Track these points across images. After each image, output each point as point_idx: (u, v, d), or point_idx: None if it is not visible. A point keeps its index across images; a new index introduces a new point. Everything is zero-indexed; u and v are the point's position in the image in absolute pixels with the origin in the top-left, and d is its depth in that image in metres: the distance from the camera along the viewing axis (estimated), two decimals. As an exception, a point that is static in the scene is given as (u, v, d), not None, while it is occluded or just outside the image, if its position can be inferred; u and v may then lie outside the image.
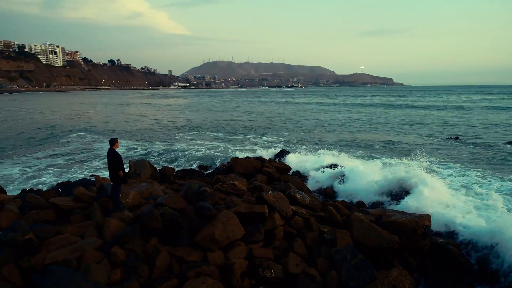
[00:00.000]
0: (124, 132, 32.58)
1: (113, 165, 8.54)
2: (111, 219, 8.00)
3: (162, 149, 22.76)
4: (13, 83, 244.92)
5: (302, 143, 25.64)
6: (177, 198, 9.14)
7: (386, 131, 31.98)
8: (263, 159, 15.42)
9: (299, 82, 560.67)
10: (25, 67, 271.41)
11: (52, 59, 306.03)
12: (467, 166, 17.62)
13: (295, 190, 10.36)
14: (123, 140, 26.35)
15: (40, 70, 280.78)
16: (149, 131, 33.44)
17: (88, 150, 23.14)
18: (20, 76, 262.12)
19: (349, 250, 7.67)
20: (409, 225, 8.26)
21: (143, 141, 26.64)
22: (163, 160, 19.53)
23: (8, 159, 19.98)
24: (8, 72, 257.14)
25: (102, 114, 52.42)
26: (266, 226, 8.17)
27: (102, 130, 33.21)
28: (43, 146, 24.95)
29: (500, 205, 10.85)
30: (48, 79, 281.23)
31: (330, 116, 49.43)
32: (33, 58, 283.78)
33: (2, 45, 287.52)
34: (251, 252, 7.58)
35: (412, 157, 16.08)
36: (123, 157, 9.20)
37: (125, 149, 22.96)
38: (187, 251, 7.26)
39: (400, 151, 22.06)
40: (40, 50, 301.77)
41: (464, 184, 14.15)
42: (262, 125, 38.17)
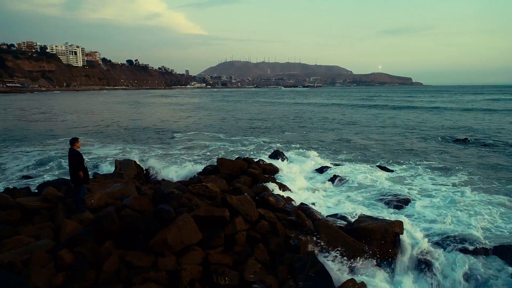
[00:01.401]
0: (129, 129, 32.86)
1: (73, 165, 8.39)
2: (68, 221, 7.84)
3: (160, 150, 22.68)
4: (34, 83, 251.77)
5: (301, 144, 25.15)
6: (142, 200, 8.92)
7: (389, 133, 31.08)
8: (250, 160, 15.07)
9: (315, 82, 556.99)
10: (47, 67, 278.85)
11: (72, 59, 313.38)
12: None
13: (269, 193, 10.01)
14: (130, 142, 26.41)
15: (60, 70, 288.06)
16: (150, 131, 33.54)
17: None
18: (42, 76, 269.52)
19: (310, 258, 7.27)
20: (379, 232, 7.79)
21: (143, 142, 26.69)
22: (159, 160, 19.37)
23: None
24: (30, 72, 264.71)
25: (107, 115, 53.05)
26: (227, 231, 7.85)
27: (100, 132, 33.47)
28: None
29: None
30: (68, 79, 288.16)
31: (338, 117, 48.56)
32: (54, 58, 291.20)
33: (25, 46, 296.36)
34: (207, 258, 7.28)
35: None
36: (122, 158, 9.06)
37: (119, 150, 22.98)
38: (138, 256, 7.01)
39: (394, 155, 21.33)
40: (61, 51, 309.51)
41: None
42: (268, 126, 37.76)
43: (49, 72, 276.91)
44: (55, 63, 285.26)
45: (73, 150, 8.45)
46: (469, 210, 10.64)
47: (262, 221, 8.42)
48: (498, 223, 9.81)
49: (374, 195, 12.09)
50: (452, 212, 10.41)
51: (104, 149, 23.09)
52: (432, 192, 12.72)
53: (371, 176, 14.87)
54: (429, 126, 35.39)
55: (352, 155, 20.29)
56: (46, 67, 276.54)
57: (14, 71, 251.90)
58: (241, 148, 23.45)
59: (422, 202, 11.49)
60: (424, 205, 11.29)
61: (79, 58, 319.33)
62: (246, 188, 11.34)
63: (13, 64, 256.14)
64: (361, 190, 12.85)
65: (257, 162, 15.38)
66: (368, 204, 11.44)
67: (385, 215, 10.09)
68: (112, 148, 23.19)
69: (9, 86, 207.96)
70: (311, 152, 19.54)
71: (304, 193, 12.43)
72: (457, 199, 11.53)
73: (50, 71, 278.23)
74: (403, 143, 24.94)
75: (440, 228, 9.14)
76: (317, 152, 20.19)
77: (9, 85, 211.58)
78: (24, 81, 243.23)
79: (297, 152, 20.31)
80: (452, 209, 10.71)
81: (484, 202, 11.49)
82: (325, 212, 10.43)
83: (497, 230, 9.36)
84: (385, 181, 14.24)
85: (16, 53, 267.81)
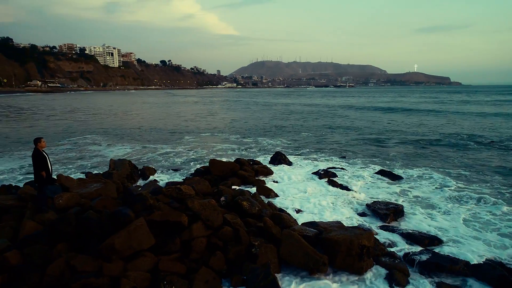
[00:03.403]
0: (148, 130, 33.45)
1: (35, 165, 8.38)
2: (27, 221, 7.81)
3: (166, 150, 22.76)
4: (74, 83, 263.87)
5: (311, 146, 24.42)
6: (108, 201, 8.77)
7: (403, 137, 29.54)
8: (242, 162, 14.69)
9: (347, 81, 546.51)
10: (85, 68, 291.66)
11: (109, 60, 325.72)
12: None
13: (244, 197, 9.57)
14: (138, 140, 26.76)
15: (98, 71, 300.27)
16: (165, 131, 33.89)
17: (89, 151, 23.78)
18: (81, 77, 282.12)
19: (264, 269, 6.79)
20: (343, 244, 7.17)
21: (153, 142, 26.96)
22: (162, 161, 19.40)
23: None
24: (70, 73, 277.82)
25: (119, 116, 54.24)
26: (184, 237, 7.53)
27: (109, 132, 34.14)
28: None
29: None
30: (105, 79, 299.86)
31: (360, 118, 47.01)
32: (92, 59, 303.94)
33: (66, 47, 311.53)
34: (157, 265, 6.99)
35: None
36: (129, 158, 9.03)
37: (131, 150, 23.27)
38: (84, 260, 6.81)
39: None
40: (99, 52, 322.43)
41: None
42: (286, 127, 37.20)
43: (87, 73, 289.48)
44: (93, 64, 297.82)
45: (36, 150, 8.44)
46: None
47: (226, 227, 8.02)
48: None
49: (366, 203, 11.32)
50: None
51: (112, 148, 23.49)
52: (431, 202, 11.80)
53: (372, 183, 14.09)
54: (458, 129, 33.43)
55: (361, 160, 19.27)
56: (84, 68, 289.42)
57: (55, 72, 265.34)
58: (246, 150, 23.07)
59: (415, 212, 10.65)
60: (417, 215, 10.46)
61: (115, 59, 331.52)
62: (227, 190, 10.96)
63: (54, 65, 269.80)
64: (355, 197, 12.11)
65: (251, 164, 14.98)
66: (356, 212, 10.73)
67: (367, 225, 9.42)
68: (120, 148, 23.54)
69: (50, 86, 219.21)
70: (316, 155, 18.87)
71: (291, 198, 11.88)
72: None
73: (88, 71, 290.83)
74: (426, 148, 23.13)
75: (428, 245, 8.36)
76: (324, 154, 19.49)
77: (50, 85, 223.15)
78: (64, 81, 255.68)
79: (302, 154, 19.73)
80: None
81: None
82: (305, 219, 9.89)
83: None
84: (386, 189, 13.38)
85: (58, 55, 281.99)
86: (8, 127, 36.83)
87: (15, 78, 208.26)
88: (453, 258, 7.47)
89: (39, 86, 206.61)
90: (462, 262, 7.35)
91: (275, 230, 8.08)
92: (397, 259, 7.69)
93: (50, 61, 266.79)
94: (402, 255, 7.99)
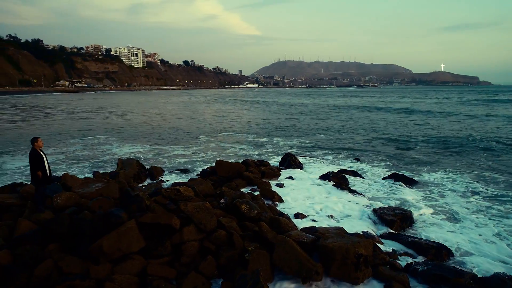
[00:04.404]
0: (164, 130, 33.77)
1: (32, 165, 8.42)
2: (22, 220, 7.83)
3: (178, 150, 22.81)
4: (99, 83, 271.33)
5: (326, 147, 23.90)
6: (104, 202, 8.72)
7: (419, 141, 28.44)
8: (248, 163, 14.44)
9: (370, 81, 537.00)
10: (111, 68, 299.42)
11: (133, 60, 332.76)
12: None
13: (243, 200, 9.32)
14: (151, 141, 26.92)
15: (123, 71, 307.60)
16: (180, 131, 34.08)
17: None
18: (106, 77, 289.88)
19: (254, 276, 6.52)
20: (338, 252, 6.80)
21: (167, 142, 27.11)
22: (171, 162, 19.42)
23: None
24: (96, 73, 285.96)
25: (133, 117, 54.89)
26: (174, 240, 7.36)
27: (117, 133, 34.56)
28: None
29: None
30: (129, 79, 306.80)
31: (378, 120, 45.86)
32: (117, 60, 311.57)
33: (92, 48, 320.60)
34: (145, 268, 6.84)
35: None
36: (137, 158, 9.05)
37: (140, 149, 23.44)
38: (72, 261, 6.75)
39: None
40: (123, 53, 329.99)
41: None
42: (304, 127, 36.72)
43: (112, 73, 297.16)
44: (118, 65, 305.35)
45: (33, 150, 8.48)
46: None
47: (220, 231, 7.81)
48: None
49: (372, 208, 10.83)
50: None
51: (123, 148, 23.72)
52: (446, 209, 11.20)
53: (383, 187, 13.54)
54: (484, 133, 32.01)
55: (376, 162, 18.59)
56: (110, 68, 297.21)
57: (82, 72, 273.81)
58: (260, 150, 22.82)
59: (425, 219, 10.11)
60: (427, 223, 9.92)
61: (139, 60, 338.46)
62: (229, 192, 10.76)
63: (81, 65, 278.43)
64: (362, 202, 11.64)
65: (258, 165, 14.72)
66: (361, 218, 10.29)
67: (371, 232, 8.99)
68: (131, 147, 23.73)
69: (77, 86, 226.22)
70: (329, 157, 18.41)
71: (294, 201, 11.53)
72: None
73: (113, 71, 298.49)
74: (449, 152, 21.73)
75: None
76: (338, 156, 19.00)
77: (77, 85, 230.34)
78: (91, 81, 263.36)
79: (315, 155, 19.30)
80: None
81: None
82: (306, 224, 9.56)
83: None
84: (398, 194, 12.81)
85: (85, 56, 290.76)
86: (28, 125, 38.01)
87: (45, 78, 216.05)
88: (459, 271, 6.96)
89: (66, 86, 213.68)
90: (469, 274, 6.84)
91: (270, 235, 7.78)
92: (398, 269, 7.26)
93: (78, 62, 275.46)
94: (404, 265, 7.54)
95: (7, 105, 73.71)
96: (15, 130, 34.19)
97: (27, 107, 69.97)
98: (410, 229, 9.67)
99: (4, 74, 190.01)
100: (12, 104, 77.31)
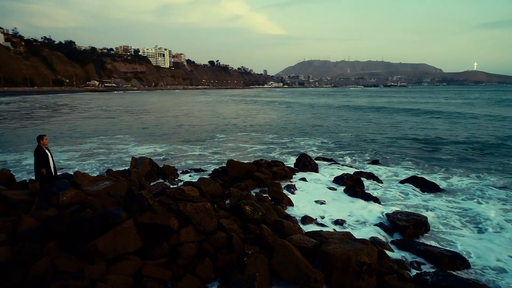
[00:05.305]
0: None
1: (36, 162, 8.50)
2: (25, 217, 7.92)
3: (195, 150, 22.85)
4: (128, 83, 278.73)
5: (347, 148, 23.27)
6: (107, 201, 8.71)
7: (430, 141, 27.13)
8: (260, 163, 14.16)
9: (398, 81, 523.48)
10: (139, 69, 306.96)
11: (160, 61, 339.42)
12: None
13: (248, 201, 9.06)
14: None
15: (150, 71, 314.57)
16: (200, 130, 34.22)
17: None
18: (134, 77, 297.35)
19: (249, 281, 6.26)
20: (339, 259, 6.43)
21: (185, 141, 27.25)
22: (186, 161, 19.43)
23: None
24: (125, 73, 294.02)
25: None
26: (172, 241, 7.20)
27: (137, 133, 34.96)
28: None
29: None
30: (156, 79, 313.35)
31: (403, 121, 44.35)
32: (145, 60, 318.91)
33: (121, 49, 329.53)
34: (141, 269, 6.72)
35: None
36: (148, 158, 9.11)
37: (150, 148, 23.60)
38: (67, 260, 6.71)
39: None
40: (151, 53, 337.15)
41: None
42: (327, 127, 36.08)
43: (140, 73, 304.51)
44: (145, 65, 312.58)
45: (38, 147, 8.56)
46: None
47: (219, 233, 7.59)
48: None
49: (385, 213, 10.30)
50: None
51: (140, 146, 24.01)
52: (468, 216, 10.52)
53: (401, 191, 12.91)
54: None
55: (396, 165, 17.80)
56: (138, 68, 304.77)
57: (111, 72, 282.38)
58: (277, 150, 22.50)
59: (442, 227, 9.52)
60: (444, 231, 9.33)
61: (166, 60, 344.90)
62: (235, 193, 10.53)
63: (111, 66, 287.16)
64: (375, 206, 11.11)
65: (270, 165, 14.43)
66: (372, 222, 9.80)
67: (380, 238, 8.52)
68: (148, 147, 23.95)
69: (106, 86, 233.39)
70: (347, 158, 17.90)
71: (304, 204, 11.15)
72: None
73: (141, 72, 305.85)
74: (480, 156, 20.31)
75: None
76: (356, 158, 18.44)
77: (107, 85, 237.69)
78: (119, 81, 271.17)
79: (332, 156, 18.79)
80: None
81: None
82: (313, 228, 9.19)
83: None
84: (416, 198, 12.19)
85: (114, 56, 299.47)
86: (52, 123, 39.29)
87: (76, 78, 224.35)
88: (472, 283, 6.43)
89: (96, 86, 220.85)
90: (482, 287, 6.31)
91: (271, 239, 7.49)
92: (407, 279, 6.79)
93: (107, 62, 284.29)
94: (413, 274, 7.05)
95: (38, 104, 76.78)
96: (39, 127, 35.52)
97: (58, 106, 72.59)
98: (424, 237, 9.10)
99: (39, 75, 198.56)
100: (43, 103, 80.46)
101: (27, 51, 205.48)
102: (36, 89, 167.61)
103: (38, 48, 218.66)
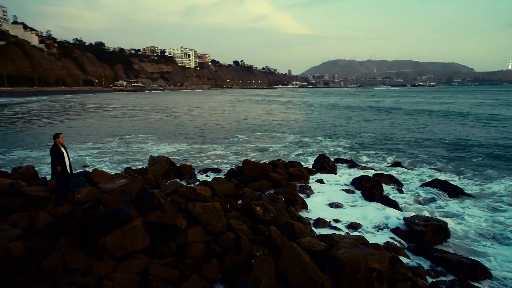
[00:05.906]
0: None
1: (52, 160, 8.69)
2: (41, 213, 8.12)
3: (215, 149, 22.93)
4: (154, 83, 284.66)
5: (369, 149, 22.71)
6: (120, 199, 8.82)
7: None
8: (276, 163, 13.99)
9: (427, 80, 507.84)
10: (165, 69, 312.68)
11: (186, 61, 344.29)
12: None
13: (259, 202, 8.95)
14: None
15: (176, 71, 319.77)
16: (223, 129, 34.34)
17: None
18: (161, 77, 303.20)
19: (255, 284, 6.14)
20: (348, 265, 6.20)
21: (205, 141, 27.40)
22: (204, 160, 19.52)
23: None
24: (151, 73, 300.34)
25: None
26: (179, 241, 7.19)
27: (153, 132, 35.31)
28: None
29: None
30: (182, 79, 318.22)
31: (430, 123, 42.86)
32: (171, 61, 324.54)
33: (148, 50, 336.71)
34: (148, 268, 6.73)
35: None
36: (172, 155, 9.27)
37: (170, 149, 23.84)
38: (77, 257, 6.82)
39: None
40: (177, 54, 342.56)
41: None
42: (345, 128, 35.43)
43: (166, 73, 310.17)
44: (171, 65, 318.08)
45: (54, 145, 8.76)
46: None
47: (228, 233, 7.52)
48: None
49: (403, 217, 9.91)
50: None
51: (160, 145, 24.34)
52: (491, 224, 9.98)
53: (422, 195, 12.41)
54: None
55: (418, 168, 17.14)
56: (164, 69, 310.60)
57: (139, 73, 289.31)
58: (296, 150, 22.24)
59: (463, 234, 9.06)
60: (465, 238, 8.88)
61: (191, 60, 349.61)
62: (249, 194, 10.43)
63: (138, 66, 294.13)
64: (394, 210, 10.70)
65: (287, 166, 14.24)
66: (388, 227, 9.45)
67: (395, 243, 8.19)
68: (170, 146, 24.24)
69: (134, 85, 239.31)
70: (368, 158, 17.50)
71: (318, 206, 10.91)
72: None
73: (167, 72, 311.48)
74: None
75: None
76: (376, 159, 17.98)
77: (134, 85, 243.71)
78: (146, 81, 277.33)
79: (353, 157, 18.37)
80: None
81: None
82: (325, 231, 8.97)
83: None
84: (438, 203, 11.67)
85: (141, 57, 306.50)
86: (77, 121, 40.55)
87: (105, 78, 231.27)
88: (491, 295, 6.05)
89: (124, 86, 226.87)
90: (503, 301, 5.91)
91: (280, 241, 7.34)
92: (421, 287, 6.48)
93: (135, 63, 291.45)
94: (429, 283, 6.72)
95: (68, 104, 79.58)
96: (64, 124, 36.74)
97: (86, 105, 74.96)
98: (444, 243, 8.68)
99: (70, 75, 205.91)
100: (73, 102, 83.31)
101: (60, 52, 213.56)
102: (67, 89, 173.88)
103: (70, 50, 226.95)
